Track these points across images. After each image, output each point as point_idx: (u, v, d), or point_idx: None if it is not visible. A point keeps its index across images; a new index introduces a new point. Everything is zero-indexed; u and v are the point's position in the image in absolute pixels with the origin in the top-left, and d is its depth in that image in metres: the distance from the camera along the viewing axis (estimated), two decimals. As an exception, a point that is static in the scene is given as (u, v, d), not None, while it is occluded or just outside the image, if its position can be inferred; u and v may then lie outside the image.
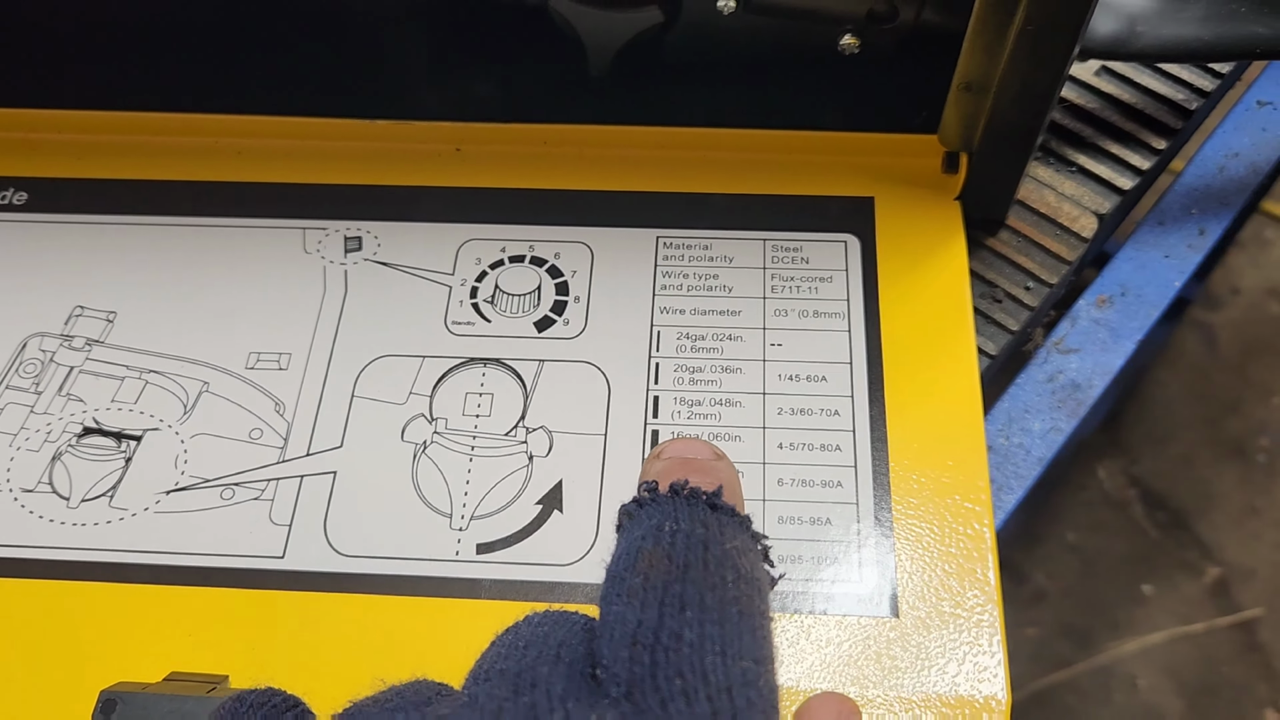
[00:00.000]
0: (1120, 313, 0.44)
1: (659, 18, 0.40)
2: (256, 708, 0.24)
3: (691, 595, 0.21)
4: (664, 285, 0.41)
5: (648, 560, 0.22)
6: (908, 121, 0.42)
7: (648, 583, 0.21)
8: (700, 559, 0.22)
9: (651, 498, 0.24)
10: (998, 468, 0.40)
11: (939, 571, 0.35)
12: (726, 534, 0.23)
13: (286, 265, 0.42)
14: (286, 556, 0.36)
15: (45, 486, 0.38)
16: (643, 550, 0.22)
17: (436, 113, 0.45)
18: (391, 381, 0.39)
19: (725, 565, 0.22)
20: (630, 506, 0.24)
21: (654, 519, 0.23)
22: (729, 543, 0.22)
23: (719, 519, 0.23)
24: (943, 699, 0.32)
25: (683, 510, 0.23)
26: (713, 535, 0.22)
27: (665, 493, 0.24)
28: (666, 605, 0.20)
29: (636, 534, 0.23)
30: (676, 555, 0.22)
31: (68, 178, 0.45)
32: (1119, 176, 0.45)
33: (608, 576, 0.22)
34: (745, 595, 0.21)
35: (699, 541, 0.22)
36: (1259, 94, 0.50)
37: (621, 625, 0.20)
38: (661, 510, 0.23)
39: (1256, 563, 1.15)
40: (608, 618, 0.21)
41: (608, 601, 0.22)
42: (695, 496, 0.24)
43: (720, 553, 0.22)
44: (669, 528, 0.22)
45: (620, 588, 0.21)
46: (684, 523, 0.23)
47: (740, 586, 0.21)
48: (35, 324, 0.41)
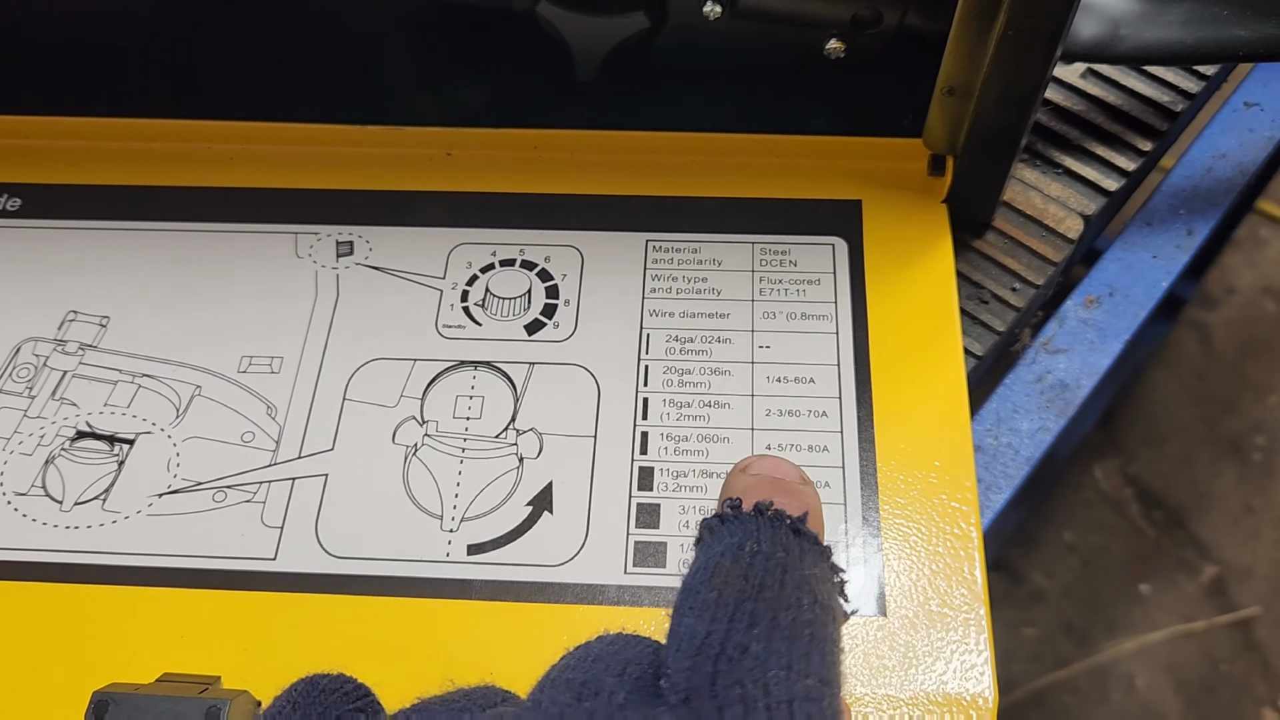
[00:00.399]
0: (1108, 313, 0.44)
1: (645, 23, 0.40)
2: (329, 693, 0.25)
3: (763, 613, 0.20)
4: (653, 288, 0.41)
5: (724, 576, 0.21)
6: (894, 125, 0.42)
7: (721, 598, 0.21)
8: (777, 581, 0.21)
9: (735, 515, 0.24)
10: (986, 467, 0.40)
11: (926, 571, 0.35)
12: (807, 560, 0.22)
13: (278, 270, 0.43)
14: (278, 558, 0.36)
15: (38, 490, 0.38)
16: (720, 566, 0.22)
17: (427, 118, 0.45)
18: (383, 384, 0.40)
19: (802, 590, 0.21)
20: (712, 521, 0.24)
21: (735, 536, 0.23)
22: (808, 569, 0.22)
23: (801, 545, 0.23)
24: (930, 697, 0.33)
25: (765, 531, 0.23)
26: (792, 560, 0.22)
27: (749, 511, 0.24)
28: (736, 620, 0.20)
29: (716, 549, 0.23)
30: (754, 575, 0.21)
31: (61, 183, 0.46)
32: (1105, 178, 0.45)
33: (683, 588, 0.22)
34: (819, 620, 0.21)
35: (778, 565, 0.22)
36: (1246, 95, 0.50)
37: (690, 637, 0.20)
38: (744, 529, 0.23)
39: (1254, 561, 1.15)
40: (677, 629, 0.21)
41: (679, 613, 0.21)
42: (779, 519, 0.23)
43: (799, 577, 0.22)
44: (750, 547, 0.22)
45: (693, 600, 0.21)
46: (765, 544, 0.22)
47: (815, 611, 0.21)
48: (29, 329, 0.42)
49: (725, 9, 0.39)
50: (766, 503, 0.24)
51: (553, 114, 0.45)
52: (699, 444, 0.38)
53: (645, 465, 0.37)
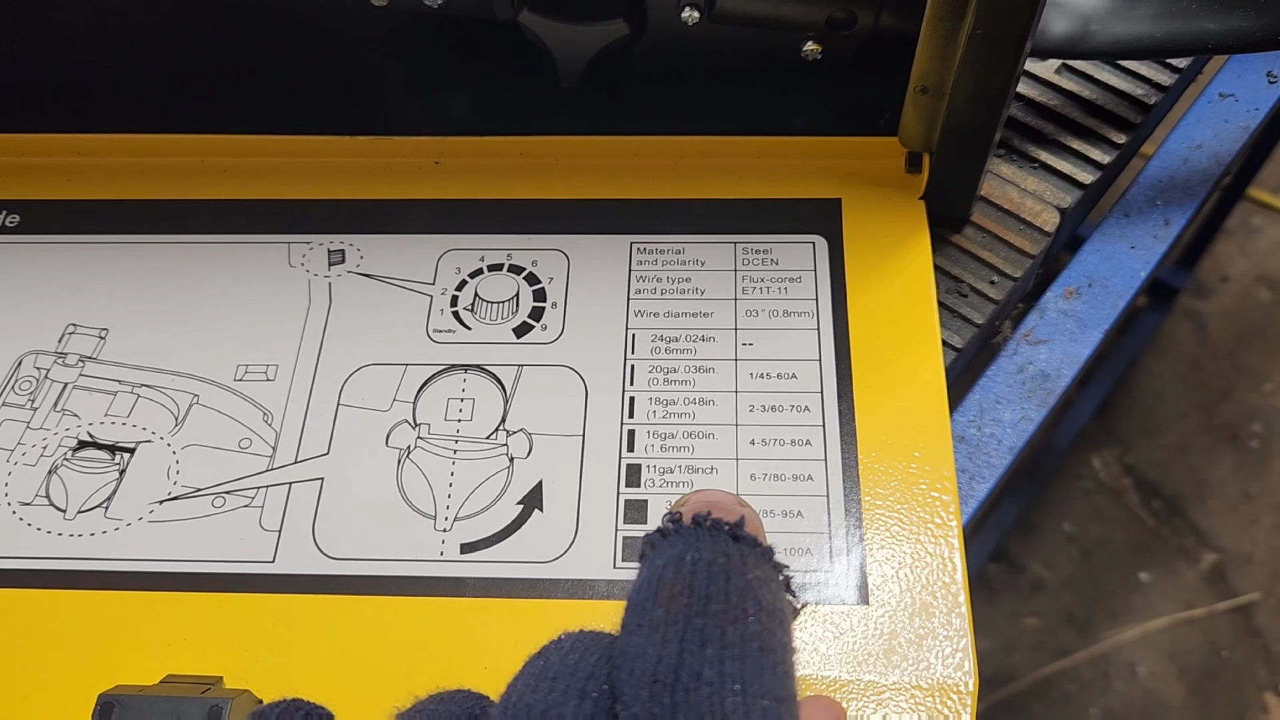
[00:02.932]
0: (1088, 304, 0.45)
1: (625, 30, 0.41)
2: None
3: (712, 631, 0.21)
4: (638, 289, 0.42)
5: (669, 591, 0.22)
6: (871, 124, 0.43)
7: (669, 615, 0.21)
8: (722, 590, 0.22)
9: (675, 528, 0.24)
10: (970, 458, 0.41)
11: (908, 560, 0.36)
12: (749, 564, 0.23)
13: (272, 279, 0.44)
14: (277, 561, 0.37)
15: (42, 499, 0.39)
16: (664, 580, 0.22)
17: (415, 127, 0.46)
18: (376, 389, 0.41)
19: (747, 597, 0.22)
20: (654, 536, 0.24)
21: (676, 549, 0.23)
22: (751, 573, 0.23)
23: (741, 549, 0.23)
24: (912, 684, 0.33)
25: (705, 540, 0.23)
26: (735, 565, 0.22)
27: (688, 524, 0.24)
28: (687, 641, 0.21)
29: (659, 563, 0.23)
30: (698, 586, 0.22)
31: (58, 199, 0.47)
32: (1080, 171, 0.46)
33: (629, 604, 0.23)
34: (767, 629, 0.21)
35: (721, 571, 0.22)
36: (1221, 86, 0.51)
37: (641, 660, 0.21)
38: (684, 540, 0.23)
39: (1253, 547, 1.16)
40: (628, 649, 0.21)
41: (628, 631, 0.22)
42: (718, 527, 0.24)
43: (742, 584, 0.22)
44: (690, 557, 0.23)
45: (641, 618, 0.22)
46: (705, 552, 0.23)
47: (762, 619, 0.22)
48: (29, 342, 0.43)
49: (703, 14, 0.40)
50: (704, 514, 0.24)
51: (537, 121, 0.45)
52: (685, 440, 0.39)
53: (633, 462, 0.38)
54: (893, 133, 0.43)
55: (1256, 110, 0.50)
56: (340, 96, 0.46)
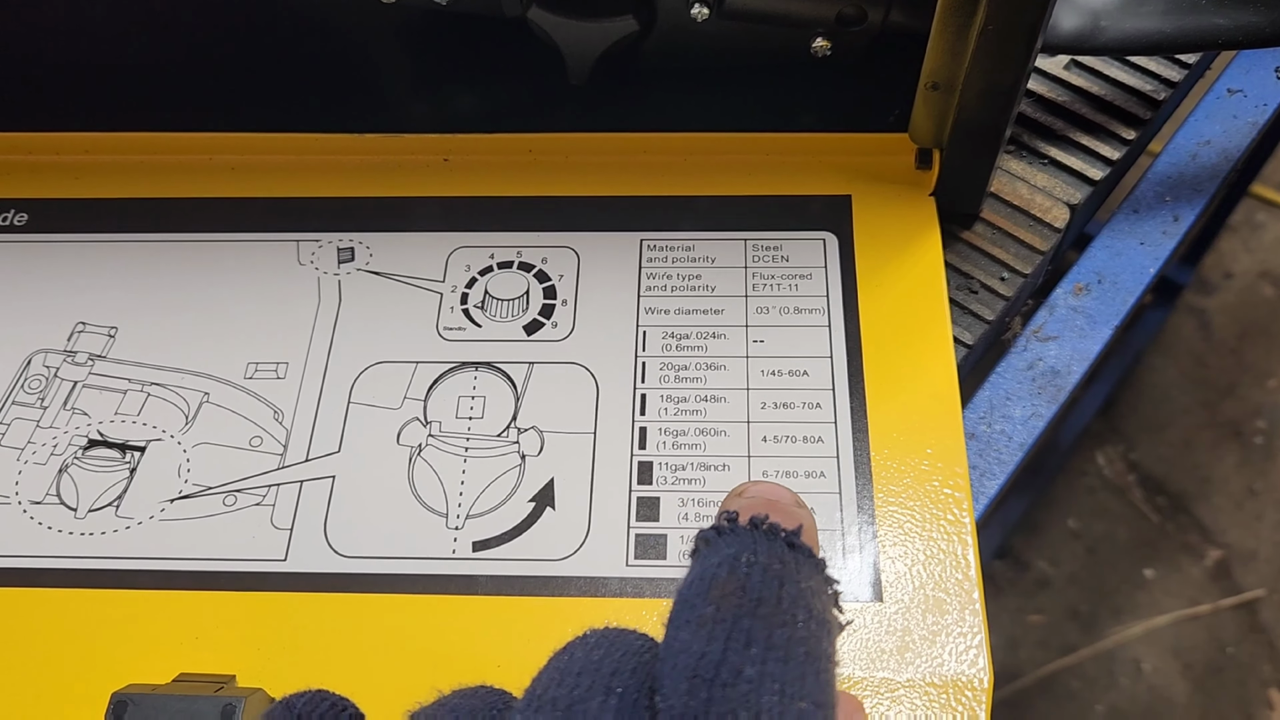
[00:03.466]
0: (1097, 300, 0.45)
1: (634, 26, 0.41)
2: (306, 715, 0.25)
3: (759, 631, 0.21)
4: (648, 286, 0.42)
5: (721, 589, 0.21)
6: (881, 121, 0.43)
7: (718, 613, 0.21)
8: (774, 594, 0.21)
9: (731, 528, 0.24)
10: (980, 455, 0.41)
11: (921, 556, 0.36)
12: (803, 573, 0.23)
13: (282, 277, 0.44)
14: (288, 559, 0.37)
15: (53, 498, 0.39)
16: (717, 578, 0.22)
17: (424, 125, 0.46)
18: (386, 387, 0.40)
19: (798, 604, 0.21)
20: (709, 533, 0.24)
21: (731, 549, 0.23)
22: (804, 582, 0.22)
23: (796, 557, 0.23)
24: (926, 680, 0.33)
25: (761, 544, 0.23)
26: (789, 572, 0.22)
27: (745, 525, 0.24)
28: (733, 639, 0.20)
29: (713, 561, 0.23)
30: (751, 588, 0.21)
31: (67, 198, 0.47)
32: (1090, 168, 0.46)
33: (678, 599, 0.22)
34: (814, 636, 0.21)
35: (775, 577, 0.22)
36: (1229, 82, 0.51)
37: (685, 655, 0.20)
38: (740, 541, 0.23)
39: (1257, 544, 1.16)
40: (673, 643, 0.21)
41: (675, 625, 0.21)
42: (775, 532, 0.23)
43: (795, 591, 0.22)
44: (746, 559, 0.22)
45: (690, 614, 0.21)
46: (761, 556, 0.22)
47: (810, 627, 0.21)
48: (39, 341, 0.43)
49: (712, 10, 0.40)
50: (762, 516, 0.24)
51: (546, 118, 0.45)
52: (696, 438, 0.39)
53: (644, 460, 0.38)
54: (903, 129, 0.43)
55: (1265, 106, 0.50)
56: (349, 94, 0.46)
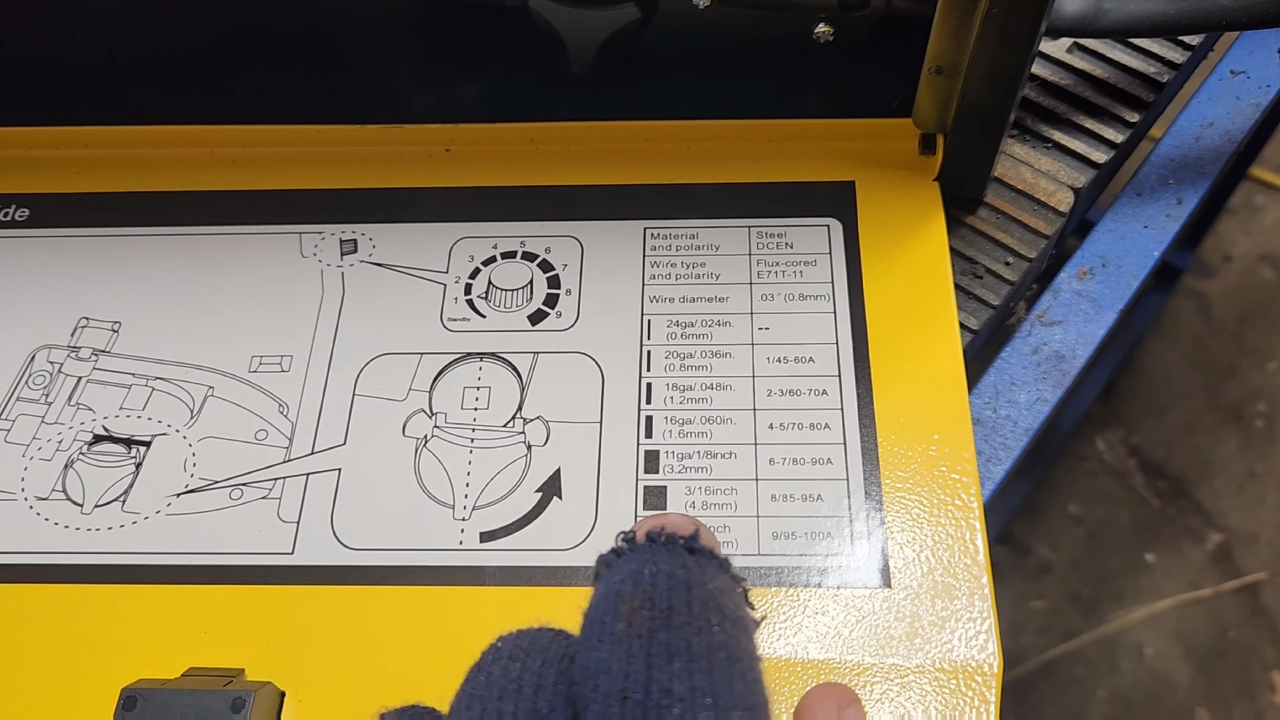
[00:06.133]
0: (1101, 284, 0.45)
1: (636, 14, 0.40)
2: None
3: (678, 643, 0.20)
4: (653, 275, 0.42)
5: (629, 604, 0.21)
6: (884, 106, 0.43)
7: (631, 629, 0.21)
8: (684, 601, 0.21)
9: (629, 546, 0.24)
10: (986, 440, 0.41)
11: (929, 542, 0.36)
12: (708, 575, 0.23)
13: (285, 270, 0.43)
14: (296, 552, 0.37)
15: (59, 494, 0.39)
16: (623, 594, 0.22)
17: (425, 115, 0.46)
18: (391, 379, 0.40)
19: (709, 606, 0.21)
20: (608, 556, 0.24)
21: (632, 564, 0.23)
22: (711, 583, 0.22)
23: (698, 561, 0.23)
24: (936, 666, 0.33)
25: (661, 554, 0.23)
26: (694, 576, 0.22)
27: (642, 540, 0.24)
28: (654, 655, 0.20)
29: (615, 579, 0.22)
30: (659, 598, 0.21)
31: (68, 192, 0.46)
32: (1094, 151, 0.46)
33: (587, 621, 0.22)
34: (732, 638, 0.21)
35: (680, 582, 0.22)
36: (1232, 63, 0.51)
37: (607, 676, 0.20)
38: (639, 556, 0.23)
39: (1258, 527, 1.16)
40: (590, 664, 0.21)
41: (588, 646, 0.21)
42: (673, 541, 0.23)
43: (703, 594, 0.22)
44: (649, 570, 0.22)
45: (602, 632, 0.21)
46: (663, 565, 0.22)
47: (726, 628, 0.21)
48: (43, 336, 0.42)
49: (714, -3, 0.39)
50: (658, 530, 0.24)
51: (548, 107, 0.45)
52: (702, 426, 0.38)
53: (650, 448, 0.38)
54: (906, 114, 0.43)
55: (1268, 87, 0.50)
56: (350, 85, 0.46)
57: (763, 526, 0.36)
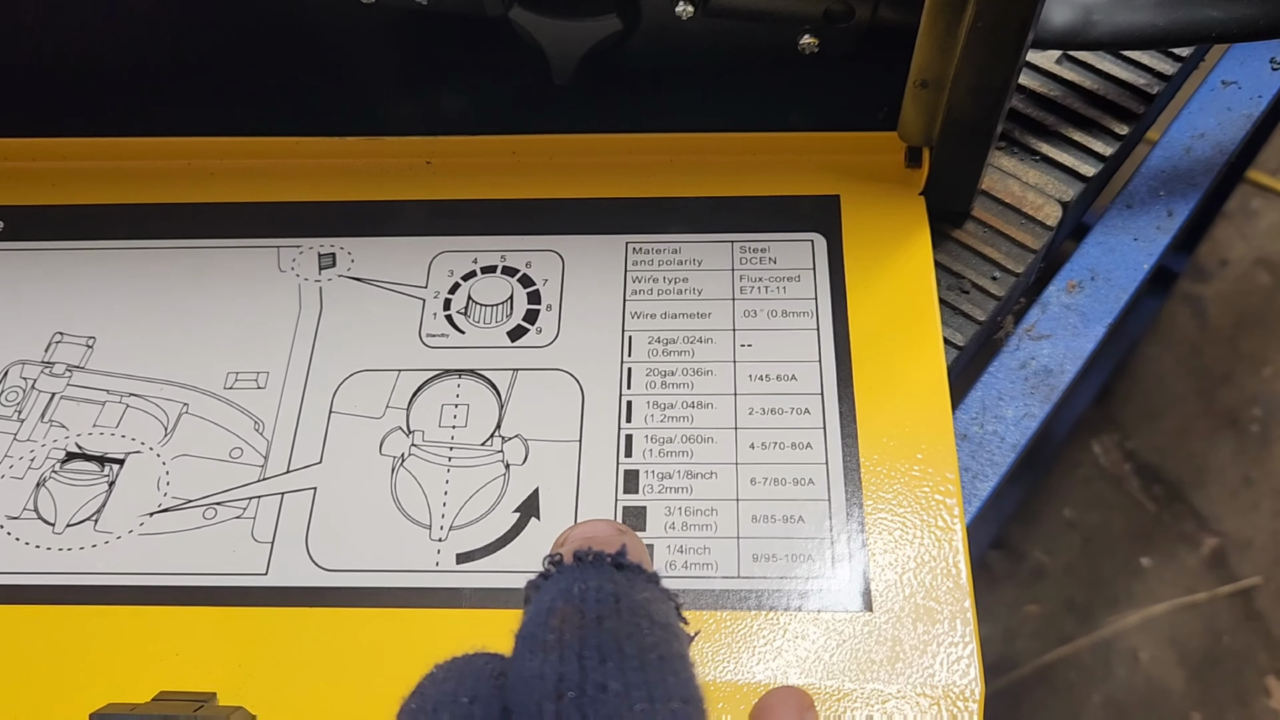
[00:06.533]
0: (1090, 297, 0.44)
1: (617, 26, 0.40)
2: None
3: (609, 645, 0.21)
4: (634, 290, 0.42)
5: (560, 617, 0.21)
6: (869, 119, 0.42)
7: (563, 638, 0.21)
8: (613, 609, 0.22)
9: (557, 569, 0.24)
10: (973, 456, 0.40)
11: (911, 565, 0.35)
12: (636, 587, 0.23)
13: (261, 284, 0.43)
14: (270, 573, 0.36)
15: (30, 513, 0.38)
16: (554, 609, 0.22)
17: (405, 127, 0.45)
18: (368, 396, 0.40)
19: (639, 614, 0.22)
20: (537, 580, 0.24)
21: (562, 583, 0.23)
22: (639, 593, 0.22)
23: (627, 575, 0.23)
24: (917, 691, 0.33)
25: (589, 572, 0.23)
26: (622, 589, 0.22)
27: (570, 562, 0.24)
28: (586, 657, 0.20)
29: (545, 599, 0.23)
30: (589, 609, 0.21)
31: (43, 205, 0.46)
32: (1082, 164, 0.45)
33: (519, 639, 0.22)
34: (663, 640, 0.21)
35: (609, 595, 0.22)
36: (1223, 74, 0.50)
37: (541, 680, 0.20)
38: (568, 575, 0.23)
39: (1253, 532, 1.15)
40: (522, 673, 0.21)
41: (520, 659, 0.21)
42: (600, 559, 0.24)
43: (632, 603, 0.22)
44: (578, 588, 0.22)
45: (533, 644, 0.21)
46: (592, 581, 0.23)
47: (657, 632, 0.21)
48: (15, 351, 0.42)
49: (697, 8, 0.39)
50: (585, 550, 0.24)
51: (530, 119, 0.45)
52: (683, 445, 0.38)
53: (630, 468, 0.38)
54: (892, 127, 0.42)
55: (1259, 98, 0.49)
56: (329, 96, 0.45)
57: (743, 548, 0.36)
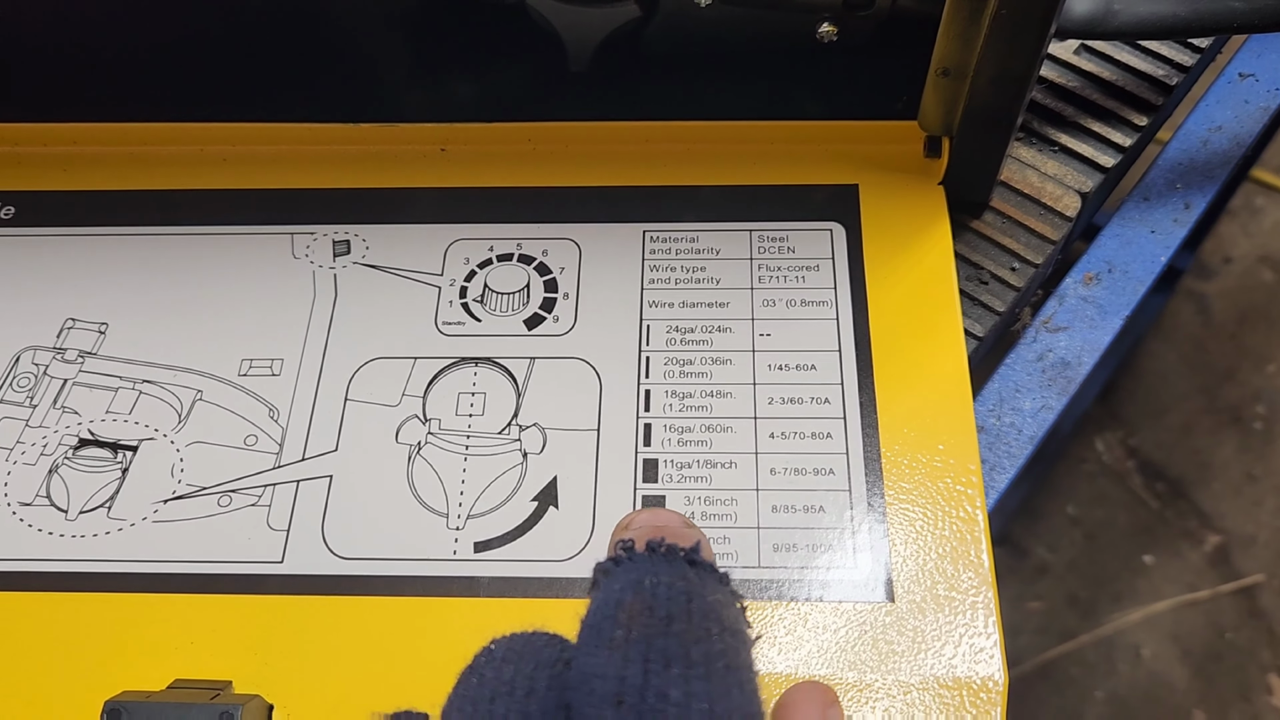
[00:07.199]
0: (1107, 289, 0.44)
1: (636, 12, 0.40)
2: None
3: (676, 650, 0.20)
4: (652, 279, 0.41)
5: (629, 612, 0.21)
6: (889, 108, 0.42)
7: (630, 636, 0.21)
8: (684, 610, 0.21)
9: (629, 555, 0.23)
10: (990, 447, 0.40)
11: (933, 555, 0.35)
12: (708, 587, 0.22)
13: (276, 271, 0.43)
14: (285, 561, 0.36)
15: (43, 499, 0.38)
16: (623, 602, 0.21)
17: (421, 114, 0.45)
18: (384, 384, 0.40)
19: (709, 617, 0.21)
20: (607, 564, 0.24)
21: (633, 574, 0.22)
22: (711, 595, 0.22)
23: (699, 573, 0.23)
24: (940, 681, 0.33)
25: (662, 565, 0.23)
26: (694, 588, 0.22)
27: (642, 550, 0.23)
28: (651, 661, 0.20)
29: (615, 587, 0.22)
30: (659, 607, 0.21)
31: (54, 190, 0.46)
32: (1101, 155, 0.45)
33: (584, 628, 0.22)
34: (731, 649, 0.21)
35: (681, 593, 0.22)
36: (1240, 66, 0.50)
37: (603, 680, 0.20)
38: (640, 566, 0.23)
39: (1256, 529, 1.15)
40: (586, 669, 0.20)
41: (585, 652, 0.21)
42: (674, 553, 0.23)
43: (704, 605, 0.22)
44: (649, 581, 0.22)
45: (600, 639, 0.21)
46: (664, 576, 0.22)
47: (726, 639, 0.21)
48: (27, 338, 0.42)
49: (716, -5, 0.39)
50: (658, 540, 0.23)
51: (546, 106, 0.44)
52: (702, 434, 0.38)
53: (649, 457, 0.37)
54: (911, 116, 0.42)
55: (1277, 90, 0.49)
56: (343, 83, 0.45)
57: (763, 538, 0.35)
